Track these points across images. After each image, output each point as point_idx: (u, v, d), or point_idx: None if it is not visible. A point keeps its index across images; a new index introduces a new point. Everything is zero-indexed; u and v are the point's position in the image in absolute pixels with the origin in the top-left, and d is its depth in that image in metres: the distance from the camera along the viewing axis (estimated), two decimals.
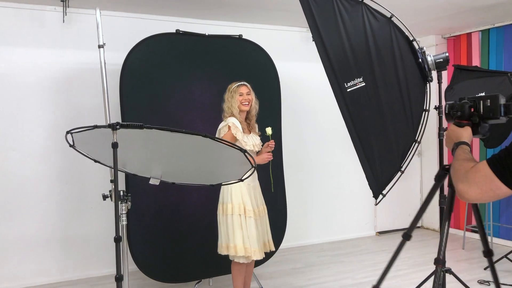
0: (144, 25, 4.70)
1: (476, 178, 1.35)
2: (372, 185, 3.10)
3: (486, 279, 4.21)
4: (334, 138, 5.74)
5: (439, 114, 3.37)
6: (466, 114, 1.83)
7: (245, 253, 3.29)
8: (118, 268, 1.78)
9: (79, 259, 4.58)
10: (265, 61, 4.51)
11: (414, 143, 3.13)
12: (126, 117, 3.94)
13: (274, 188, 4.02)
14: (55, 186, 4.50)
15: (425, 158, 6.47)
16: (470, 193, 1.37)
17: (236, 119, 3.39)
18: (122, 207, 2.69)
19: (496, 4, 4.67)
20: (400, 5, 4.58)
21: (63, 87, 4.53)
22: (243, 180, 2.43)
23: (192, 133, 1.95)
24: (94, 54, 3.93)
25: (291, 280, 4.42)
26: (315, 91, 5.56)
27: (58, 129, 4.41)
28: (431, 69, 3.11)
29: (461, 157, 1.54)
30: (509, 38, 5.41)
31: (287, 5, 4.50)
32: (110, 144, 1.93)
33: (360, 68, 3.02)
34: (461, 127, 1.80)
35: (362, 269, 4.71)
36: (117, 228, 1.78)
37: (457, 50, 6.09)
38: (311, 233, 5.77)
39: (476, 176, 1.35)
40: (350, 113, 3.01)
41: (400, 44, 3.10)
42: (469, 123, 1.82)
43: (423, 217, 6.55)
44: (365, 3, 3.05)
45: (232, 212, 3.33)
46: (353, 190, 5.91)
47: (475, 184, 1.35)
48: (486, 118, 1.82)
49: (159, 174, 2.44)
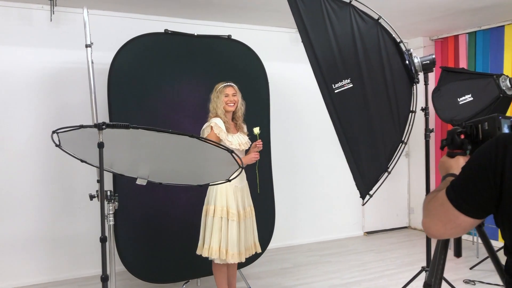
0: (133, 25, 4.68)
1: (435, 209, 1.17)
2: (359, 186, 3.13)
3: (472, 278, 4.25)
4: (322, 139, 5.77)
5: (426, 115, 3.41)
6: (456, 142, 1.61)
7: (219, 256, 3.31)
8: (103, 268, 1.78)
9: (66, 260, 4.55)
10: (254, 62, 4.52)
11: (401, 144, 3.16)
12: (114, 117, 3.92)
13: (263, 188, 4.03)
14: (42, 186, 4.46)
15: (413, 159, 6.52)
16: (432, 227, 1.19)
17: (219, 119, 3.39)
18: (109, 207, 2.69)
19: (482, 7, 4.72)
20: (388, 7, 4.61)
21: (50, 86, 4.50)
22: (231, 180, 2.43)
23: (179, 133, 1.95)
24: (82, 53, 3.90)
25: (279, 280, 4.43)
26: (304, 91, 5.58)
27: (45, 128, 4.37)
28: (417, 71, 3.15)
29: (441, 186, 1.32)
30: (495, 41, 5.47)
31: (276, 6, 4.51)
32: (96, 144, 1.93)
33: (347, 69, 3.05)
34: (452, 157, 1.57)
35: (349, 269, 4.74)
36: (103, 228, 1.77)
37: (445, 52, 6.15)
38: (299, 233, 5.78)
39: (434, 207, 1.18)
40: (338, 113, 3.03)
41: (387, 46, 3.13)
42: (462, 152, 1.59)
43: (410, 217, 6.62)
44: (353, 5, 3.08)
45: (214, 214, 3.34)
46: (341, 190, 5.93)
47: (435, 216, 1.17)
48: None
49: (146, 174, 2.44)
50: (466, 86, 4.62)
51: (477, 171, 1.10)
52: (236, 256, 3.35)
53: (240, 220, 3.42)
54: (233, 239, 3.34)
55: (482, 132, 1.56)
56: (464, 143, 1.59)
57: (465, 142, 1.59)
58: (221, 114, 3.43)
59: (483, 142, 1.53)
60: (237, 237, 3.37)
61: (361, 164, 3.11)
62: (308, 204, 5.83)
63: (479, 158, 1.12)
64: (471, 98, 4.55)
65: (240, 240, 3.41)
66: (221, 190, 3.36)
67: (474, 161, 1.13)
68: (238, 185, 3.43)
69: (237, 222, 3.38)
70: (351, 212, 6.12)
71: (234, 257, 3.34)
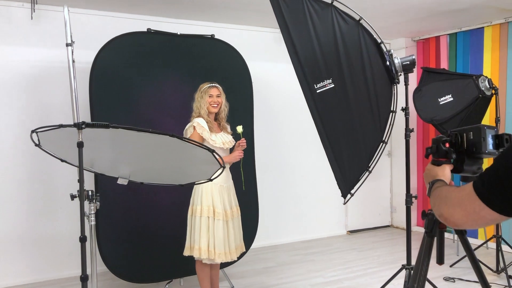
0: (115, 24, 4.65)
1: (459, 198, 1.20)
2: (340, 185, 3.16)
3: (452, 276, 4.32)
4: (306, 138, 5.80)
5: (406, 115, 3.45)
6: (441, 151, 1.58)
7: (208, 255, 3.32)
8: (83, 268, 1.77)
9: (49, 260, 4.50)
10: (237, 61, 4.52)
11: (382, 144, 3.20)
12: (95, 116, 3.90)
13: (246, 187, 4.04)
14: (24, 186, 4.41)
15: (395, 158, 6.59)
16: (455, 215, 1.21)
17: (202, 119, 3.40)
18: (90, 207, 2.67)
19: (462, 9, 4.80)
20: (370, 8, 4.66)
21: (32, 85, 4.45)
22: (212, 179, 2.44)
23: (159, 132, 1.95)
24: (64, 52, 3.87)
25: (262, 279, 4.45)
26: (288, 91, 5.60)
27: (27, 128, 4.32)
28: (398, 71, 3.19)
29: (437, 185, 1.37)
30: (475, 42, 5.57)
31: (260, 6, 4.52)
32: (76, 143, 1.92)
33: (329, 69, 3.08)
34: (438, 166, 1.57)
35: (332, 267, 4.78)
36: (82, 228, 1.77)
37: (426, 52, 6.24)
38: (283, 233, 5.81)
39: (459, 196, 1.20)
40: (320, 113, 3.06)
41: (368, 47, 3.17)
42: (447, 160, 1.57)
43: (392, 216, 6.70)
44: (334, 6, 3.11)
45: (200, 214, 3.34)
46: (325, 190, 5.98)
47: (458, 205, 1.20)
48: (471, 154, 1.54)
49: (127, 174, 2.43)
50: (447, 86, 4.70)
51: (509, 169, 1.09)
52: (223, 255, 3.35)
53: (228, 219, 3.43)
54: (220, 238, 3.34)
55: (466, 141, 1.54)
56: (449, 152, 1.57)
57: (450, 151, 1.57)
58: (204, 114, 3.44)
59: (467, 151, 1.54)
60: (223, 237, 3.37)
61: (343, 164, 3.15)
62: (292, 203, 5.86)
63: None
64: (451, 98, 4.63)
65: (228, 239, 3.42)
66: (206, 190, 3.36)
67: (507, 159, 1.12)
68: (223, 185, 3.44)
69: (224, 221, 3.39)
70: (335, 211, 6.17)
71: (221, 257, 3.35)
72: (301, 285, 4.27)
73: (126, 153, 2.36)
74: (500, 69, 5.32)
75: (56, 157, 2.44)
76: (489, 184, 1.11)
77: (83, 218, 1.79)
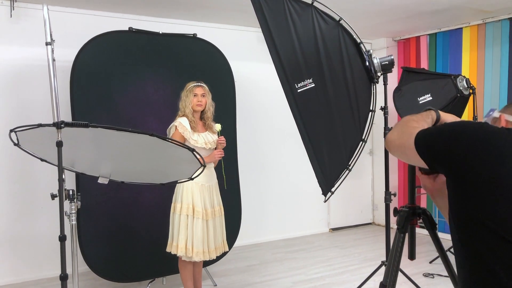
0: (97, 22, 4.62)
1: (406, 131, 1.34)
2: (321, 183, 3.21)
3: (431, 272, 4.40)
4: (288, 137, 5.83)
5: (385, 114, 3.51)
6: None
7: (186, 253, 3.35)
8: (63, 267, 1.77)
9: (30, 260, 4.46)
10: (220, 61, 4.54)
11: (361, 142, 3.25)
12: (76, 115, 3.88)
13: (229, 186, 4.06)
14: (4, 186, 4.36)
15: (376, 157, 6.67)
16: (390, 136, 1.39)
17: (185, 118, 3.43)
18: (71, 206, 2.66)
19: (441, 10, 4.89)
20: (351, 9, 4.71)
21: (11, 84, 4.40)
22: (193, 178, 2.46)
23: (139, 132, 1.96)
24: (44, 50, 3.82)
25: (245, 277, 4.47)
26: (270, 91, 5.63)
27: (5, 127, 4.25)
28: (377, 71, 3.24)
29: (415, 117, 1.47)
30: (454, 43, 5.67)
31: (243, 6, 4.53)
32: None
33: (310, 69, 3.11)
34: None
35: (315, 265, 4.83)
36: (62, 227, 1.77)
37: (407, 52, 6.33)
38: (265, 231, 5.84)
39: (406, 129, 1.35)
40: (300, 112, 3.09)
41: (348, 47, 3.21)
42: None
43: (374, 214, 6.78)
44: (315, 6, 3.14)
45: (180, 212, 3.37)
46: (307, 188, 6.02)
47: (401, 134, 1.35)
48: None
49: (108, 173, 2.43)
50: (426, 86, 4.78)
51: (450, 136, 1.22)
52: (201, 254, 3.38)
53: (208, 218, 3.44)
54: (198, 236, 3.36)
55: None
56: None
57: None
58: (189, 113, 3.46)
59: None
60: (202, 235, 3.39)
61: (323, 162, 3.19)
62: (274, 202, 5.89)
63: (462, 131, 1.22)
64: (430, 98, 4.71)
65: (208, 238, 3.43)
66: (187, 188, 3.38)
67: (455, 127, 1.25)
68: (205, 184, 3.45)
69: (203, 220, 3.41)
70: (317, 209, 6.22)
71: (199, 255, 3.37)
72: (283, 283, 4.31)
73: (106, 153, 2.36)
74: (478, 69, 5.43)
75: (36, 157, 2.43)
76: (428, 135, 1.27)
77: (63, 217, 1.79)
